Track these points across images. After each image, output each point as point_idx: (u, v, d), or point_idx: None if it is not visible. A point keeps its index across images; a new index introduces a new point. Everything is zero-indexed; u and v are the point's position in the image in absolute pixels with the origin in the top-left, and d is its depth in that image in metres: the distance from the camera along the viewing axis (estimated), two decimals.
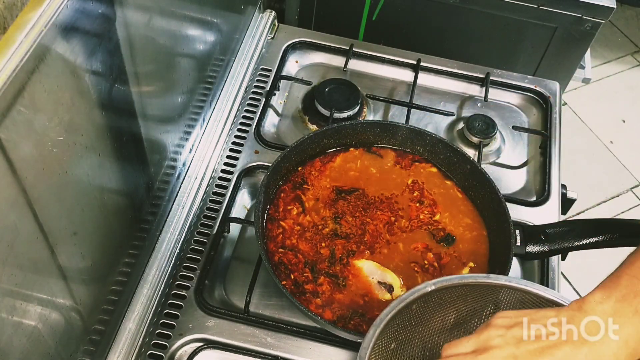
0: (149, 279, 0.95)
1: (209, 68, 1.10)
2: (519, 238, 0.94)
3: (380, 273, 0.92)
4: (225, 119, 1.16)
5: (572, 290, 2.01)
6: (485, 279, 0.77)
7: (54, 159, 0.64)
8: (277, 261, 0.93)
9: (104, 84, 0.73)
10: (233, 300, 0.97)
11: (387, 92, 1.26)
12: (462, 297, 0.77)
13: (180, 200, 1.04)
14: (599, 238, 0.92)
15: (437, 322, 0.78)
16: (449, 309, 0.78)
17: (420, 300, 0.75)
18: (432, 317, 0.78)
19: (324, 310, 0.89)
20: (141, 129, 0.87)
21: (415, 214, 1.00)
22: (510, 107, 1.27)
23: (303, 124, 1.20)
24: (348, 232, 0.97)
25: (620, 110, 2.49)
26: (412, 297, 0.74)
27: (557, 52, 1.38)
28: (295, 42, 1.30)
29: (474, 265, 0.95)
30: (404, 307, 0.74)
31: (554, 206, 1.10)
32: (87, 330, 0.82)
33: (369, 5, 1.39)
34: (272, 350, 0.91)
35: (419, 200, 1.01)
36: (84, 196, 0.73)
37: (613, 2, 1.27)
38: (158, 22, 0.86)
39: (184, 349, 0.91)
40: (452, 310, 0.78)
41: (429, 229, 0.98)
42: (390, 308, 0.73)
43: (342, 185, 1.02)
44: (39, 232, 0.64)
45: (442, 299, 0.77)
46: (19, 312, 0.64)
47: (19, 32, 0.56)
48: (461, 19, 1.37)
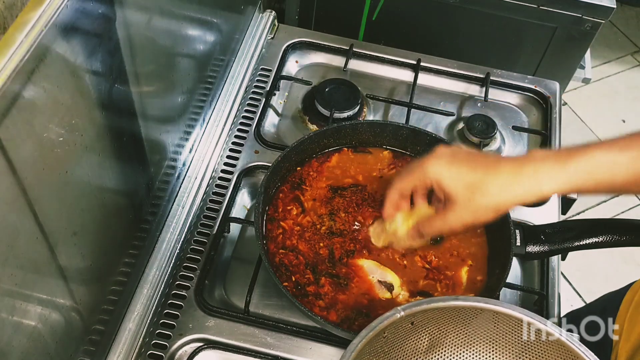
0: (149, 279, 0.95)
1: (209, 68, 1.10)
2: (519, 238, 0.94)
3: (380, 272, 0.92)
4: (225, 119, 1.16)
5: (572, 290, 2.02)
6: (454, 301, 0.76)
7: (54, 159, 0.64)
8: (278, 262, 0.93)
9: (104, 84, 0.73)
10: (233, 300, 0.97)
11: (387, 92, 1.26)
12: (433, 320, 0.77)
13: (180, 200, 1.04)
14: (599, 238, 0.92)
15: (411, 347, 0.78)
16: (422, 333, 0.77)
17: (392, 326, 0.74)
18: (405, 342, 0.77)
19: (328, 312, 0.89)
20: (141, 129, 0.87)
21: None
22: (510, 107, 1.27)
23: (303, 124, 1.20)
24: (342, 228, 0.97)
25: (620, 110, 2.49)
26: (382, 324, 0.73)
27: (557, 52, 1.38)
28: (295, 42, 1.30)
29: (472, 263, 0.95)
30: (375, 335, 0.72)
31: (554, 206, 1.10)
32: (87, 330, 0.82)
33: (369, 5, 1.40)
34: (272, 350, 0.91)
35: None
36: (84, 196, 0.73)
37: (613, 2, 1.27)
38: (158, 22, 0.86)
39: (184, 349, 0.91)
40: (425, 334, 0.78)
41: None
42: (360, 337, 0.71)
43: (337, 184, 1.02)
44: (39, 232, 0.64)
45: (414, 323, 0.76)
46: (19, 312, 0.64)
47: (19, 32, 0.56)
48: (461, 19, 1.37)
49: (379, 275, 0.92)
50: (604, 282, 1.10)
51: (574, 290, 2.02)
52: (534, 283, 1.03)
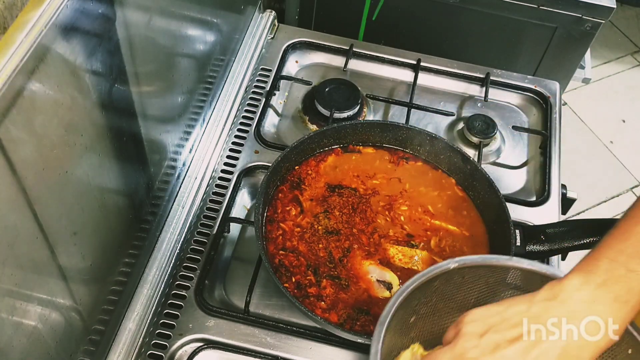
0: (149, 279, 0.95)
1: (209, 68, 1.10)
2: (519, 238, 0.94)
3: (379, 272, 0.92)
4: (225, 119, 1.16)
5: None
6: (508, 261, 0.76)
7: (54, 159, 0.64)
8: (278, 263, 0.93)
9: (104, 84, 0.73)
10: (233, 300, 0.97)
11: (387, 92, 1.26)
12: (483, 277, 0.77)
13: (180, 200, 1.04)
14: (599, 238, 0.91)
15: (458, 301, 0.78)
16: (470, 289, 0.78)
17: (442, 277, 0.75)
18: (453, 296, 0.78)
19: (330, 313, 0.89)
20: (141, 129, 0.87)
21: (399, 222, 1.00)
22: (510, 107, 1.27)
23: (303, 124, 1.20)
24: (336, 227, 0.97)
25: (620, 110, 2.49)
26: (434, 272, 0.74)
27: (557, 52, 1.38)
28: (295, 42, 1.30)
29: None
30: (426, 281, 0.74)
31: (554, 206, 1.10)
32: (87, 330, 0.82)
33: (369, 5, 1.39)
34: (272, 350, 0.91)
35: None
36: (84, 196, 0.73)
37: (613, 2, 1.27)
38: (158, 22, 0.86)
39: (184, 349, 0.91)
40: (474, 290, 0.78)
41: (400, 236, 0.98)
42: (412, 281, 0.73)
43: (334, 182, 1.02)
44: (39, 232, 0.64)
45: (464, 278, 0.77)
46: (19, 312, 0.64)
47: (19, 32, 0.56)
48: (461, 19, 1.37)
49: (377, 274, 0.92)
50: None
51: None
52: None
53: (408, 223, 0.99)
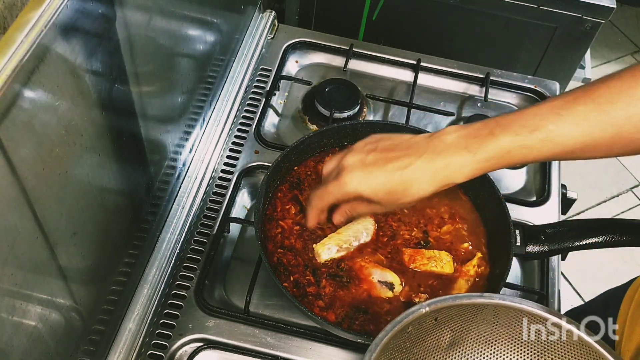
0: (149, 279, 0.95)
1: (209, 68, 1.10)
2: (519, 238, 0.94)
3: (379, 272, 0.92)
4: (225, 119, 1.16)
5: (572, 290, 2.02)
6: (479, 298, 0.76)
7: (54, 159, 0.64)
8: (276, 262, 0.93)
9: (104, 84, 0.73)
10: (233, 300, 0.97)
11: (387, 92, 1.26)
12: (456, 317, 0.77)
13: (180, 200, 1.04)
14: (599, 238, 0.92)
15: (433, 343, 0.77)
16: (444, 329, 0.77)
17: (415, 322, 0.74)
18: (427, 338, 0.77)
19: (327, 312, 0.89)
20: (141, 129, 0.87)
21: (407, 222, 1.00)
22: (510, 107, 1.27)
23: (303, 124, 1.20)
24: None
25: None
26: (407, 319, 0.73)
27: (557, 52, 1.38)
28: (295, 42, 1.30)
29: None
30: (400, 330, 0.72)
31: (554, 206, 1.10)
32: (87, 330, 0.82)
33: (369, 5, 1.40)
34: (272, 350, 0.91)
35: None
36: (84, 196, 0.73)
37: (613, 2, 1.27)
38: (158, 22, 0.86)
39: (184, 349, 0.91)
40: (447, 331, 0.77)
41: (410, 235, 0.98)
42: (385, 332, 0.71)
43: None
44: (39, 232, 0.64)
45: (437, 319, 0.76)
46: (19, 312, 0.64)
47: (19, 32, 0.56)
48: (461, 19, 1.37)
49: (378, 275, 0.92)
50: (604, 282, 1.10)
51: (574, 290, 2.02)
52: (534, 283, 1.03)
53: (406, 222, 0.99)
